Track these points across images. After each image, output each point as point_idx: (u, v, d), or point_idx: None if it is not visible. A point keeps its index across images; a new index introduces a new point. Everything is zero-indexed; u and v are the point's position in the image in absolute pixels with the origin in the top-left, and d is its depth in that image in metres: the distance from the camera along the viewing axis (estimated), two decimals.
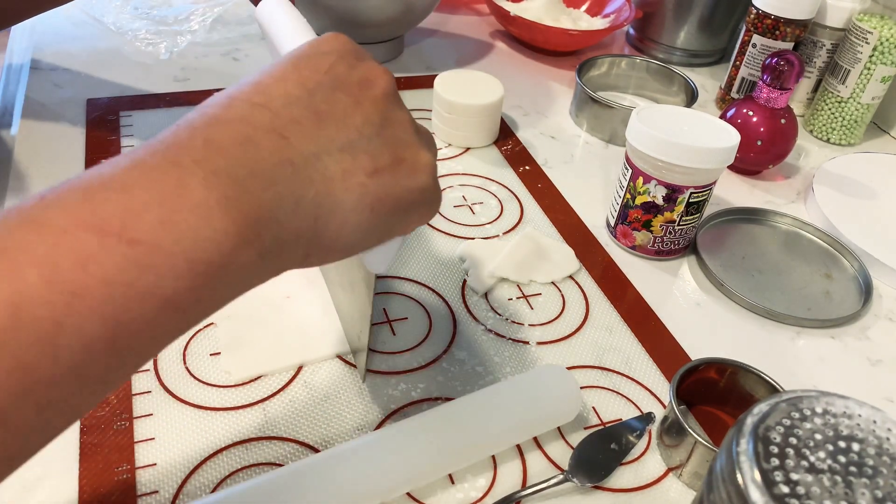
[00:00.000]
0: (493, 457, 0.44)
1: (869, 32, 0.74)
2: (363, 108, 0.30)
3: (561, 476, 0.42)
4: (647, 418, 0.46)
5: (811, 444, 0.28)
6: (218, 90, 0.79)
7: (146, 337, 0.24)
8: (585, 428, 0.46)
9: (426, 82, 0.81)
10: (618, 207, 0.60)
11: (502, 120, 0.76)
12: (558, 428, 0.46)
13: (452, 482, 0.42)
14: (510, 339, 0.52)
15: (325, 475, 0.38)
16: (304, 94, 0.29)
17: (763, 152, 0.70)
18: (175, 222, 0.24)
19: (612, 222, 0.62)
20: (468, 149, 0.71)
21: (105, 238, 0.23)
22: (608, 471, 0.43)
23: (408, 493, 0.41)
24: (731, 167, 0.71)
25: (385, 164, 0.30)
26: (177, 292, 0.24)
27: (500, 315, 0.54)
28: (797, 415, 0.29)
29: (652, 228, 0.59)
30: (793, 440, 0.28)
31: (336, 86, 0.30)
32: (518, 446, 0.45)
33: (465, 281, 0.56)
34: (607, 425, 0.47)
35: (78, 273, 0.22)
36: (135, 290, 0.23)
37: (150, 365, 0.46)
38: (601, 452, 0.44)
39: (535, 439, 0.45)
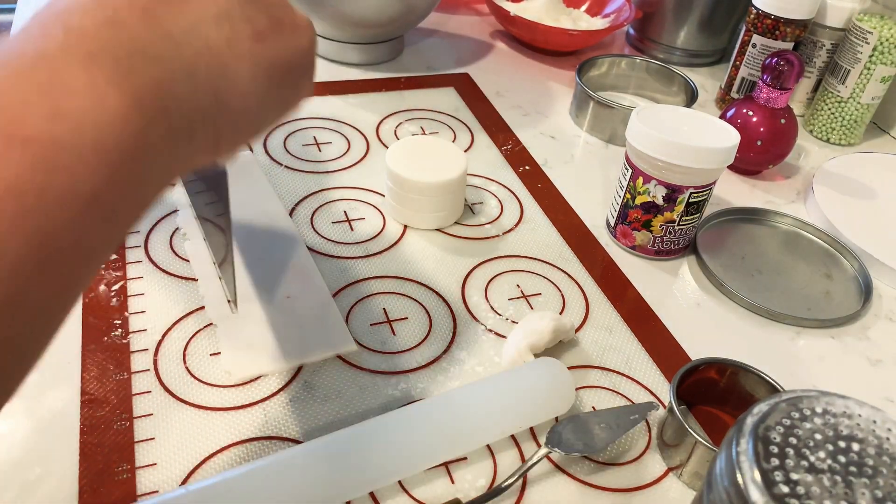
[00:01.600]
0: (493, 457, 0.44)
1: (869, 32, 0.74)
2: None
3: (543, 450, 0.42)
4: (648, 406, 0.46)
5: (811, 444, 0.28)
6: None
7: (80, 250, 0.22)
8: None
9: (426, 82, 0.81)
10: (618, 207, 0.60)
11: (502, 120, 0.76)
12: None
13: (452, 482, 0.42)
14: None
15: (318, 463, 0.39)
16: None
17: (763, 152, 0.70)
18: (67, 111, 0.22)
19: (612, 222, 0.62)
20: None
21: None
22: (597, 445, 0.43)
23: (404, 490, 0.41)
24: (731, 167, 0.71)
25: (266, 28, 0.29)
26: (97, 188, 0.22)
27: (500, 315, 0.54)
28: (797, 415, 0.29)
29: (652, 228, 0.59)
30: (793, 440, 0.28)
31: None
32: (518, 447, 0.45)
33: (465, 281, 0.56)
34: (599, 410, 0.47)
35: None
36: (51, 195, 0.21)
37: (150, 365, 0.46)
38: (591, 429, 0.44)
39: (535, 439, 0.45)
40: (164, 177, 0.26)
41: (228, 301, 0.50)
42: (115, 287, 0.51)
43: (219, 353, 0.48)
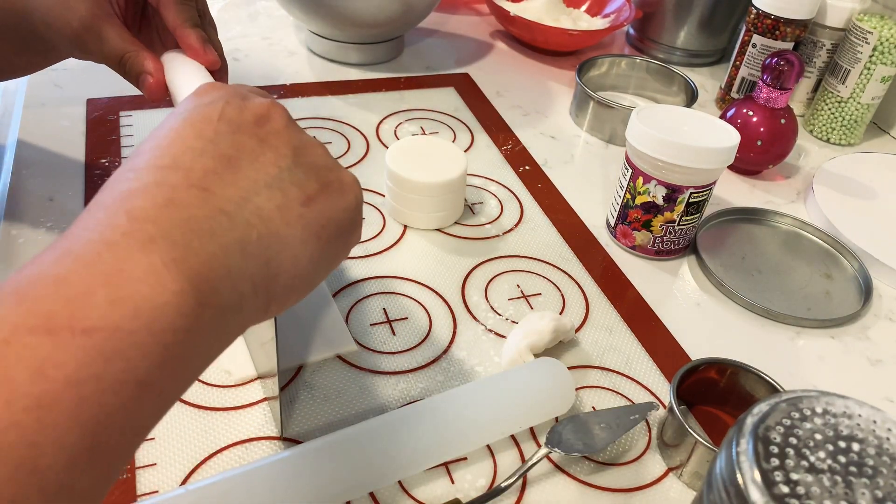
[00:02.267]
0: (493, 457, 0.44)
1: (869, 32, 0.74)
2: (270, 144, 0.30)
3: (543, 450, 0.42)
4: (648, 406, 0.46)
5: (811, 444, 0.28)
6: None
7: (129, 431, 0.23)
8: None
9: (426, 82, 0.81)
10: (618, 207, 0.60)
11: (502, 120, 0.76)
12: None
13: (452, 482, 0.42)
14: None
15: (318, 463, 0.39)
16: (206, 144, 0.28)
17: (763, 152, 0.70)
18: (126, 298, 0.22)
19: (612, 222, 0.62)
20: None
21: (56, 335, 0.21)
22: (597, 444, 0.43)
23: (404, 490, 0.41)
24: (731, 167, 0.71)
25: (315, 191, 0.30)
26: (150, 372, 0.23)
27: (500, 315, 0.54)
28: (797, 415, 0.29)
29: (652, 228, 0.59)
30: (793, 440, 0.28)
31: (234, 130, 0.29)
32: (518, 447, 0.45)
33: (465, 281, 0.56)
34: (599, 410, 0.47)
35: (38, 382, 0.20)
36: (106, 383, 0.21)
37: None
38: (591, 429, 0.44)
39: (535, 439, 0.45)
40: (212, 350, 0.26)
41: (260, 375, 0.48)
42: None
43: None
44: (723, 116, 0.72)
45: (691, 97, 0.78)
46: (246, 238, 0.27)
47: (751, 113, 0.70)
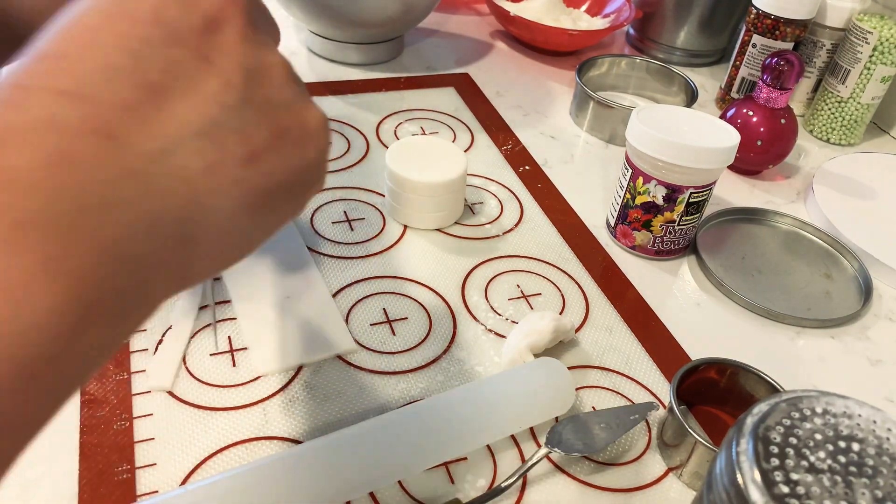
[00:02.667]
0: (493, 457, 0.44)
1: (869, 32, 0.74)
2: (217, 66, 0.21)
3: (543, 450, 0.42)
4: (648, 406, 0.46)
5: (811, 444, 0.28)
6: None
7: None
8: None
9: (426, 82, 0.81)
10: (618, 207, 0.60)
11: (502, 120, 0.76)
12: None
13: (452, 482, 0.42)
14: None
15: (318, 463, 0.39)
16: (127, 60, 0.20)
17: (763, 152, 0.70)
18: None
19: (612, 222, 0.62)
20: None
21: None
22: (597, 444, 0.43)
23: (404, 490, 0.41)
24: (731, 167, 0.71)
25: (263, 144, 0.22)
26: (6, 412, 0.17)
27: (500, 315, 0.54)
28: (797, 415, 0.29)
29: (652, 228, 0.59)
30: (793, 440, 0.28)
31: (170, 40, 0.21)
32: (518, 447, 0.45)
33: (465, 281, 0.56)
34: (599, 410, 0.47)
35: None
36: None
37: (150, 365, 0.46)
38: (591, 429, 0.44)
39: (535, 439, 0.45)
40: (95, 366, 0.20)
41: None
42: None
43: (218, 354, 0.48)
44: (723, 116, 0.72)
45: (691, 97, 0.78)
46: (158, 211, 0.19)
47: (751, 113, 0.70)
